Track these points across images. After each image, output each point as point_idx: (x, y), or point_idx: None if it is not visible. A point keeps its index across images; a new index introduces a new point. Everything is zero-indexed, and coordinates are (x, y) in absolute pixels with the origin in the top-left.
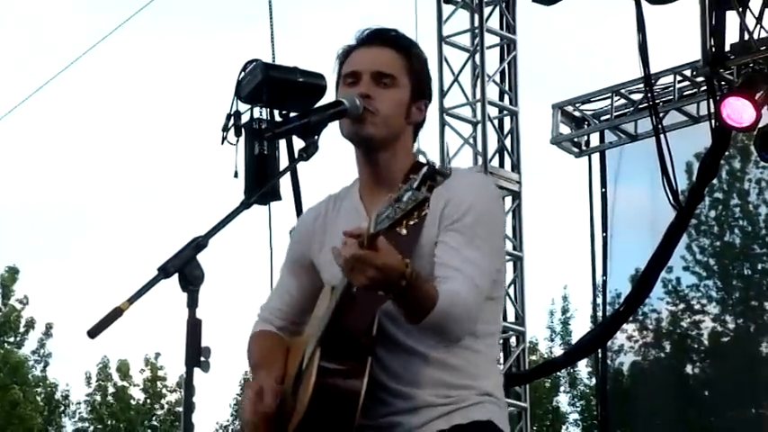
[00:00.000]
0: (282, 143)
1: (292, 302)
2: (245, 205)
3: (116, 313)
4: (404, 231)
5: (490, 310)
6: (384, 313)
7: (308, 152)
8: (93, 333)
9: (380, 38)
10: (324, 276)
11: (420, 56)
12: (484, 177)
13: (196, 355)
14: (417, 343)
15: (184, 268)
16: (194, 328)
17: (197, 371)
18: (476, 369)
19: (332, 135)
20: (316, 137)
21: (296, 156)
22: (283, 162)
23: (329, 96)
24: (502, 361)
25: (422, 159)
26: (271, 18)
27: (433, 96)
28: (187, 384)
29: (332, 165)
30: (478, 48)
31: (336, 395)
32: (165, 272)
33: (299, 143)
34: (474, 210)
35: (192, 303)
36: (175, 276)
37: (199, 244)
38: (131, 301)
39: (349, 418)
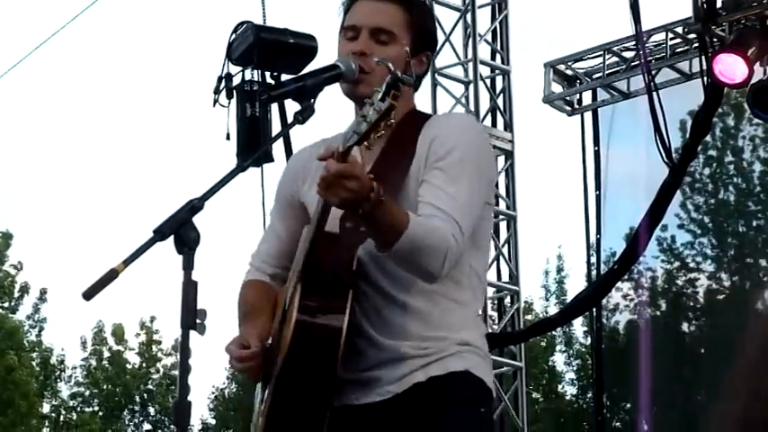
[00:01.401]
0: (274, 105)
1: (282, 246)
2: (240, 168)
3: (111, 275)
4: (372, 144)
5: (473, 259)
6: (370, 258)
7: (303, 115)
8: (88, 295)
9: None
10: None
11: (422, 8)
12: (470, 117)
13: (192, 317)
14: (399, 291)
15: (180, 230)
16: (190, 290)
17: (193, 333)
18: (456, 320)
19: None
20: (312, 100)
21: (291, 118)
22: (275, 124)
23: (321, 56)
24: (496, 320)
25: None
26: None
27: None
28: (183, 346)
29: (323, 124)
30: (470, 7)
31: (317, 331)
32: (160, 234)
33: (290, 105)
34: (458, 148)
35: (188, 265)
36: (171, 238)
37: (194, 206)
38: (126, 263)
39: (332, 356)
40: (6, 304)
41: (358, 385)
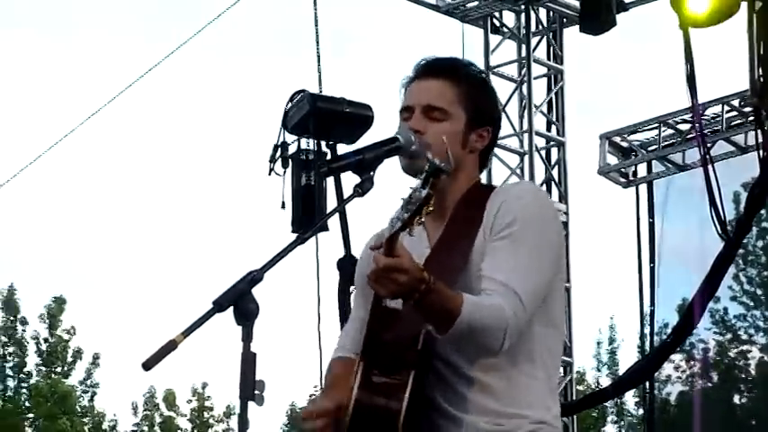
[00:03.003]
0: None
1: (362, 327)
2: (300, 240)
3: (170, 346)
4: (414, 231)
5: (546, 333)
6: None
7: (363, 188)
8: (147, 365)
9: (434, 69)
10: None
11: (477, 83)
12: (535, 187)
13: (251, 388)
14: (471, 367)
15: (239, 302)
16: (249, 361)
17: (251, 404)
18: (531, 397)
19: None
20: (371, 173)
21: (347, 188)
22: (330, 193)
23: (376, 127)
24: None
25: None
26: (318, 48)
27: None
28: (241, 417)
29: (374, 195)
30: (525, 78)
31: (375, 409)
32: (219, 305)
33: (346, 175)
34: (520, 219)
35: (247, 337)
36: (230, 310)
37: (254, 278)
38: (186, 334)
39: None
40: (59, 369)
41: None
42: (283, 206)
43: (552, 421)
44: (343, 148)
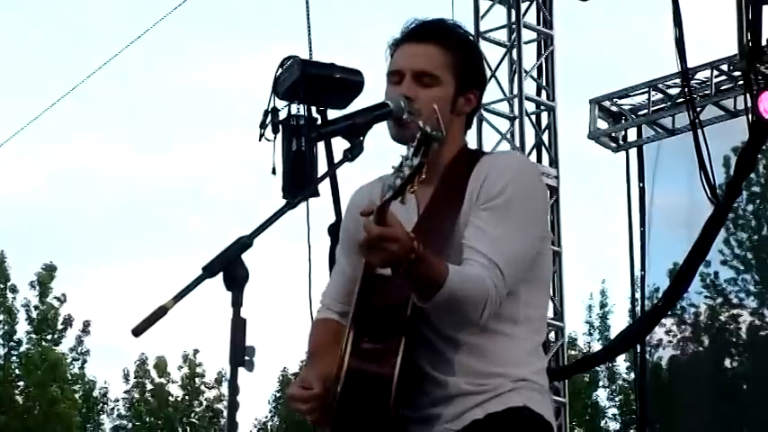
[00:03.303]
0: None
1: (348, 284)
2: (290, 205)
3: (161, 311)
4: (407, 198)
5: (530, 293)
6: None
7: (353, 153)
8: (137, 331)
9: (423, 33)
10: None
11: (465, 46)
12: (520, 157)
13: (240, 354)
14: (454, 330)
15: (229, 267)
16: (239, 327)
17: (241, 370)
18: (513, 355)
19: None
20: (361, 138)
21: (337, 154)
22: (321, 158)
23: (367, 92)
24: None
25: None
26: (308, 14)
27: None
28: (231, 383)
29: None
30: (515, 43)
31: (368, 376)
32: (209, 271)
33: (337, 141)
34: (508, 189)
35: (237, 302)
36: (220, 275)
37: (243, 243)
38: (176, 299)
39: (384, 401)
40: (50, 337)
41: (419, 423)
42: (274, 172)
43: (533, 377)
44: (333, 114)
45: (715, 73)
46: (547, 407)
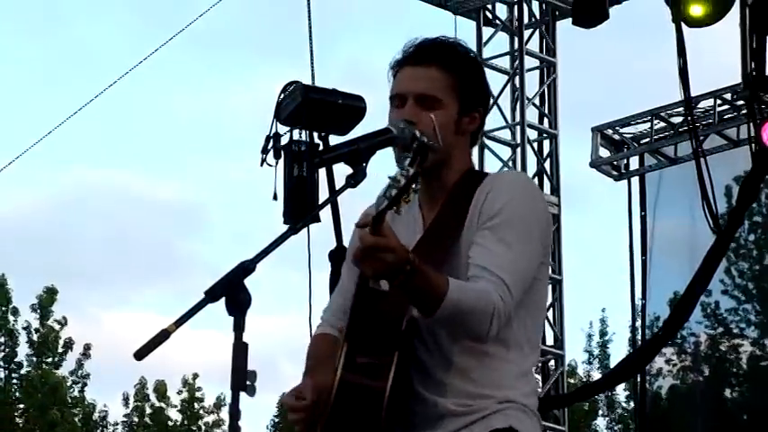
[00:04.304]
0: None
1: (349, 300)
2: (292, 230)
3: (163, 335)
4: (401, 209)
5: (524, 317)
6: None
7: (356, 179)
8: (139, 355)
9: (425, 55)
10: None
11: (467, 66)
12: (523, 176)
13: (242, 379)
14: (446, 349)
15: (231, 292)
16: (240, 352)
17: (242, 395)
18: (500, 379)
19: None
20: (364, 164)
21: (339, 180)
22: (322, 184)
23: (369, 118)
24: (540, 384)
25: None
26: (311, 40)
27: None
28: (232, 408)
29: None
30: (518, 70)
31: (361, 389)
32: (211, 295)
33: (339, 167)
34: (507, 208)
35: (239, 327)
36: (222, 300)
37: (246, 268)
38: (178, 324)
39: (375, 416)
40: (50, 360)
41: None
42: (275, 197)
43: (520, 399)
44: (335, 140)
45: (718, 102)
46: (534, 428)
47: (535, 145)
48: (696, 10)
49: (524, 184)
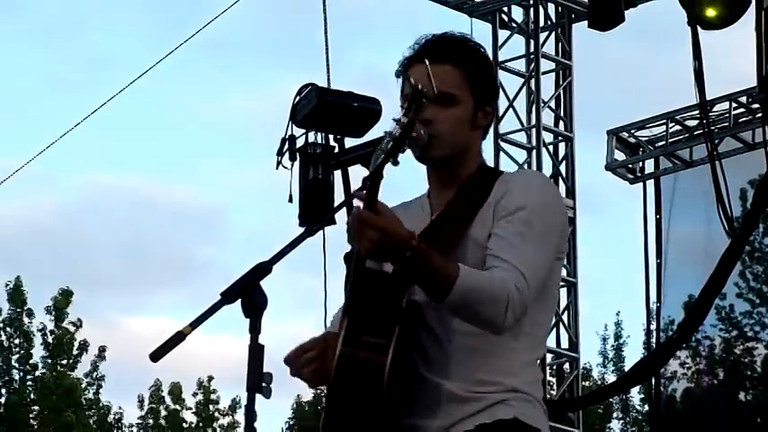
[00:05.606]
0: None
1: None
2: (309, 232)
3: (178, 337)
4: (398, 160)
5: (535, 308)
6: (427, 302)
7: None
8: (155, 357)
9: (437, 52)
10: None
11: (478, 60)
12: (542, 176)
13: (258, 380)
14: (450, 333)
15: (247, 294)
16: (256, 353)
17: (258, 396)
18: (508, 365)
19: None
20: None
21: (354, 181)
22: (338, 186)
23: (385, 120)
24: (555, 387)
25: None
26: (326, 44)
27: None
28: (248, 410)
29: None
30: (534, 73)
31: (360, 363)
32: (227, 297)
33: (354, 169)
34: (526, 207)
35: (255, 329)
36: (238, 302)
37: (262, 270)
38: (193, 326)
39: (376, 390)
40: (65, 361)
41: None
42: (291, 200)
43: (526, 388)
44: (350, 142)
45: (733, 105)
46: (539, 418)
47: (551, 148)
48: (711, 12)
49: (545, 183)
